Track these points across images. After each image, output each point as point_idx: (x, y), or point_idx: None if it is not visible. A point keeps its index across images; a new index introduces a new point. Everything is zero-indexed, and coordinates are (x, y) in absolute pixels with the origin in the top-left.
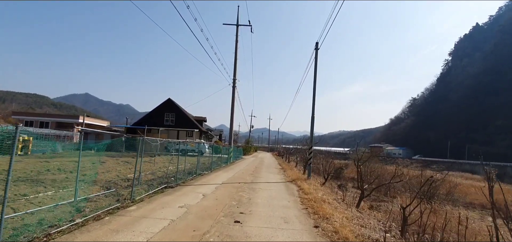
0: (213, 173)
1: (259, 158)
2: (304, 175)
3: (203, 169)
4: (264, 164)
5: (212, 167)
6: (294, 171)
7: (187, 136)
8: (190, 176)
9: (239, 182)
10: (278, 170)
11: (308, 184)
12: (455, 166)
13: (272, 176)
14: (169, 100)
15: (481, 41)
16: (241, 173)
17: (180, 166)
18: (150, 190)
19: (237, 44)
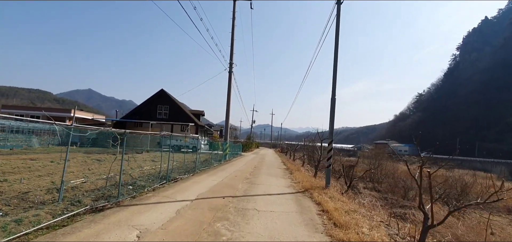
0: (195, 177)
1: (260, 155)
2: (317, 180)
3: (186, 170)
4: (265, 162)
5: (197, 168)
6: (304, 174)
7: (182, 130)
8: (160, 182)
9: (225, 196)
10: (283, 171)
11: (331, 198)
12: (465, 164)
13: (275, 182)
14: (162, 91)
15: (491, 35)
16: (233, 177)
17: (164, 164)
18: (63, 214)
19: (234, 22)
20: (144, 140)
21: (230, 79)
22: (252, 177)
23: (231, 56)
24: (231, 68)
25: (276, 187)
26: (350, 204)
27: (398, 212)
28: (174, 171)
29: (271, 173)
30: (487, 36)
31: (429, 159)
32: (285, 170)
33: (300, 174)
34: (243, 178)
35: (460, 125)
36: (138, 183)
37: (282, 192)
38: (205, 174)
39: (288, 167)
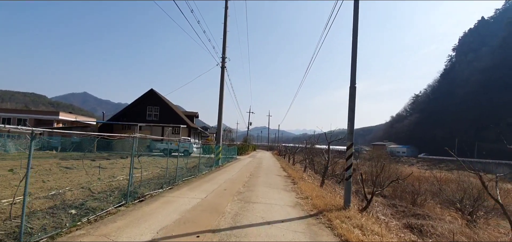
0: (172, 192)
1: (257, 158)
2: (329, 193)
3: (166, 181)
4: (262, 168)
5: (180, 178)
6: (309, 184)
7: (173, 133)
8: (118, 203)
9: (200, 232)
10: (283, 180)
11: (361, 230)
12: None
13: (276, 198)
14: (151, 91)
15: (488, 35)
16: (222, 192)
17: (144, 172)
18: None
19: (226, 11)
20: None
21: (222, 74)
22: (246, 190)
23: (223, 49)
24: (224, 62)
25: (278, 208)
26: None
27: (413, 223)
28: (144, 184)
29: (270, 183)
30: (484, 37)
31: (428, 161)
32: (286, 178)
33: (305, 184)
34: (235, 192)
35: (459, 125)
36: (88, 205)
37: (288, 217)
38: (187, 187)
39: (289, 174)
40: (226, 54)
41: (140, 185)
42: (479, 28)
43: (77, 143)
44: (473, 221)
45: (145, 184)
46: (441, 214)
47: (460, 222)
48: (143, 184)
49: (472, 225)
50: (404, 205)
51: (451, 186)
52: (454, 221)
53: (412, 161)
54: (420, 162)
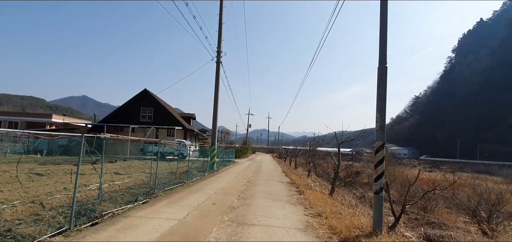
0: (144, 209)
1: (256, 162)
2: (344, 208)
3: (145, 192)
4: (262, 172)
5: (159, 189)
6: (318, 194)
7: (169, 135)
8: (58, 229)
9: None
10: (287, 187)
11: None
12: (467, 166)
13: (280, 216)
14: (145, 91)
15: (486, 36)
16: (209, 207)
17: (127, 179)
18: None
19: (222, 2)
20: (126, 147)
21: (218, 70)
22: (241, 204)
23: (219, 43)
24: (219, 57)
25: (283, 233)
26: None
27: (431, 233)
28: (116, 196)
29: (271, 193)
30: (482, 38)
31: (430, 163)
32: (289, 186)
33: (313, 193)
34: (226, 207)
35: (460, 127)
36: (18, 231)
37: None
38: (166, 200)
39: (292, 181)
40: (221, 48)
41: (108, 197)
42: (478, 29)
43: (65, 147)
44: (491, 229)
45: (117, 197)
46: (454, 221)
47: (475, 229)
48: (114, 197)
49: (491, 233)
50: (415, 211)
51: (466, 190)
52: (468, 228)
53: (413, 163)
54: (422, 163)
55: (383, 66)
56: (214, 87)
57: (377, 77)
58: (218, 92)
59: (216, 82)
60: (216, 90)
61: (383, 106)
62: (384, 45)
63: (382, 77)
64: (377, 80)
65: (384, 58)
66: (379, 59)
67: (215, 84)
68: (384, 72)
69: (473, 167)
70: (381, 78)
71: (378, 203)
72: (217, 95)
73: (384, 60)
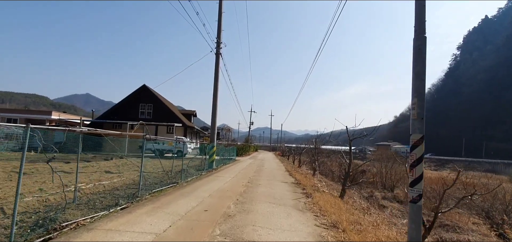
0: (122, 217)
1: (259, 160)
2: (361, 216)
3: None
4: (264, 172)
5: (146, 191)
6: (327, 197)
7: (168, 132)
8: None
9: None
10: (291, 189)
11: None
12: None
13: (287, 228)
14: (144, 87)
15: (492, 34)
16: (200, 215)
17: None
18: None
19: None
20: (124, 144)
21: (217, 62)
22: (239, 210)
23: (218, 33)
24: (219, 48)
25: None
26: None
27: (447, 238)
28: (96, 199)
29: (274, 196)
30: (488, 35)
31: (435, 161)
32: (294, 187)
33: (322, 196)
34: (220, 216)
35: (465, 125)
36: None
37: None
38: (150, 205)
39: (297, 181)
40: (221, 39)
41: (86, 200)
42: (483, 27)
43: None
44: (504, 231)
45: (96, 200)
46: (466, 223)
47: (487, 230)
48: (93, 200)
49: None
50: (426, 212)
51: (479, 191)
52: (480, 230)
53: None
54: (427, 162)
55: (421, 36)
56: (213, 80)
57: (413, 52)
58: (217, 85)
59: (215, 74)
60: (216, 83)
61: (421, 87)
62: (421, 9)
63: (419, 51)
64: (413, 55)
65: (422, 26)
66: (415, 29)
67: (215, 76)
68: (422, 44)
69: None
70: (418, 53)
71: (415, 215)
72: (216, 89)
73: (422, 29)
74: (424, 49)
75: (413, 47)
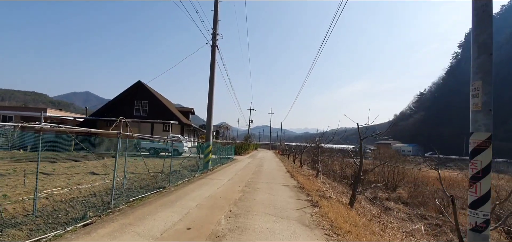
0: (78, 238)
1: (258, 159)
2: (382, 233)
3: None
4: (263, 173)
5: (123, 199)
6: (338, 207)
7: (164, 130)
8: None
9: None
10: (295, 195)
11: None
12: None
13: None
14: (139, 83)
15: (494, 31)
16: (180, 236)
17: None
18: None
19: None
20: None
21: (213, 54)
22: (231, 229)
23: (214, 24)
24: (215, 39)
25: None
26: None
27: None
28: (52, 215)
29: (276, 205)
30: None
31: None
32: (298, 192)
33: (331, 205)
34: (206, 237)
35: (466, 123)
36: None
37: None
38: (121, 220)
39: (300, 184)
40: (218, 30)
41: (51, 210)
42: None
43: (53, 141)
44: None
45: (62, 210)
46: None
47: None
48: (59, 210)
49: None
50: (433, 215)
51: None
52: None
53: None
54: (427, 161)
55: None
56: (209, 74)
57: (473, 16)
58: (213, 80)
59: (211, 68)
60: (211, 77)
61: (486, 64)
62: None
63: (483, 14)
64: (474, 21)
65: None
66: None
67: (210, 70)
68: (487, 4)
69: None
70: (482, 16)
71: None
72: (212, 84)
73: None
74: (489, 10)
75: (473, 9)
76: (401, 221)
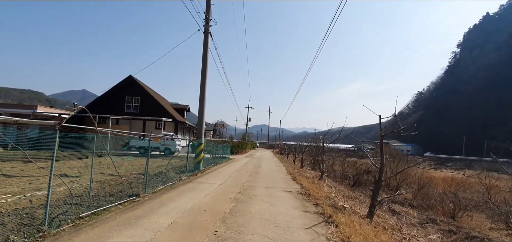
0: None
1: (256, 158)
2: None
3: (53, 220)
4: (261, 175)
5: (72, 215)
6: (360, 225)
7: (157, 128)
8: None
9: None
10: (301, 205)
11: None
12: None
13: None
14: (130, 78)
15: (493, 31)
16: None
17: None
18: None
19: None
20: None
21: (206, 42)
22: None
23: (207, 8)
24: (208, 25)
25: None
26: None
27: None
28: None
29: (277, 223)
30: (489, 33)
31: (435, 160)
32: (303, 200)
33: (350, 221)
34: None
35: (466, 123)
36: None
37: None
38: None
39: (304, 189)
40: (211, 15)
41: None
42: (484, 24)
43: (36, 140)
44: None
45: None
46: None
47: None
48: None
49: None
50: (444, 220)
51: (505, 195)
52: None
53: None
54: (426, 160)
55: None
56: (201, 64)
57: None
58: (206, 70)
59: (203, 57)
60: (204, 66)
61: None
62: None
63: None
64: None
65: None
66: None
67: (203, 59)
68: None
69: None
70: None
71: None
72: (205, 73)
73: None
74: None
75: None
76: (411, 226)
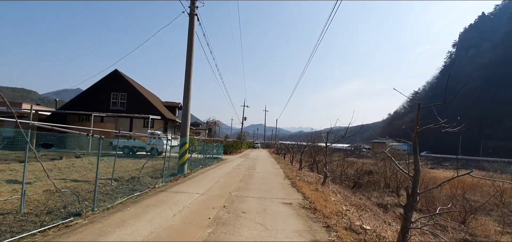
0: None
1: (250, 159)
2: None
3: None
4: (255, 179)
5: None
6: None
7: (144, 126)
8: None
9: None
10: (305, 228)
11: None
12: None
13: None
14: (116, 72)
15: (488, 31)
16: None
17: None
18: None
19: None
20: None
21: (191, 25)
22: None
23: None
24: (194, 7)
25: None
26: None
27: None
28: None
29: None
30: (484, 32)
31: (431, 159)
32: (308, 219)
33: None
34: None
35: (461, 123)
36: None
37: None
38: None
39: (307, 199)
40: None
41: None
42: (479, 24)
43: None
44: None
45: None
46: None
47: None
48: None
49: None
50: (455, 226)
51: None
52: None
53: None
54: (423, 159)
55: None
56: (186, 51)
57: None
58: (191, 58)
59: (188, 43)
60: (189, 53)
61: None
62: None
63: None
64: None
65: None
66: None
67: (188, 45)
68: None
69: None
70: None
71: None
72: (190, 62)
73: None
74: None
75: None
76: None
